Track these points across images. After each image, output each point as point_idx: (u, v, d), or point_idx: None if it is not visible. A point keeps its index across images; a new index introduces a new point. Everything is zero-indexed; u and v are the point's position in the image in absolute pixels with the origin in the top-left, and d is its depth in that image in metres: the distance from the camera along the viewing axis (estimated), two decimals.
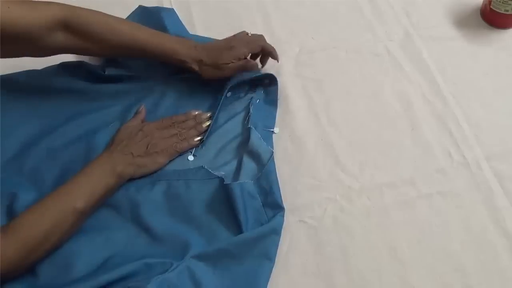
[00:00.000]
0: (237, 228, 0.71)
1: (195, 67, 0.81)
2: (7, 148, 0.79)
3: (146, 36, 0.79)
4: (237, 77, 0.82)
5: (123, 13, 0.95)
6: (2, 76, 0.83)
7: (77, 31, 0.74)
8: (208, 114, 0.82)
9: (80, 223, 0.70)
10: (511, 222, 0.72)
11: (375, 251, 0.70)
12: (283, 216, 0.72)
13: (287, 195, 0.75)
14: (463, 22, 0.94)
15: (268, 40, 0.92)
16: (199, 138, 0.80)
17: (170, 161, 0.78)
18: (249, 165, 0.77)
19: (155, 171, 0.76)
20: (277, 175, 0.76)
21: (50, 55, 0.78)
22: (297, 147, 0.80)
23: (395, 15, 0.95)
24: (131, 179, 0.76)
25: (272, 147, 0.79)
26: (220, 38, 0.91)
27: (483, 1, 0.93)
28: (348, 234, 0.72)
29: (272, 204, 0.73)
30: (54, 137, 0.80)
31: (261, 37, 0.86)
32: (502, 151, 0.78)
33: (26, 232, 0.64)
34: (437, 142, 0.79)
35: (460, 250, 0.70)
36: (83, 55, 0.84)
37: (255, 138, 0.78)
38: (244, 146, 0.79)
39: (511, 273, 0.68)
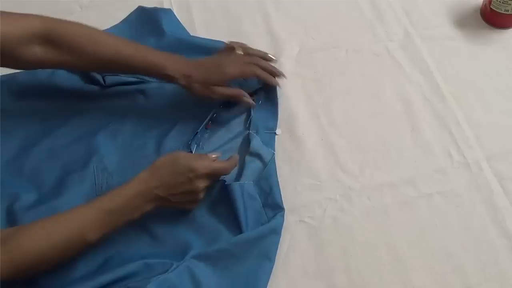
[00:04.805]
0: (237, 228, 0.71)
1: (184, 82, 0.76)
2: (7, 148, 0.79)
3: (131, 49, 0.74)
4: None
5: (123, 13, 0.96)
6: (2, 76, 0.83)
7: (57, 44, 0.70)
8: None
9: (85, 250, 0.67)
10: (511, 222, 0.72)
11: (375, 251, 0.70)
12: (283, 216, 0.72)
13: (287, 195, 0.75)
14: (463, 22, 0.94)
15: (268, 40, 0.93)
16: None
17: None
18: (250, 166, 0.77)
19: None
20: (277, 175, 0.76)
21: (29, 69, 0.73)
22: (297, 147, 0.80)
23: (395, 15, 0.95)
24: None
25: (274, 149, 0.79)
26: (219, 38, 0.91)
27: (483, 1, 0.93)
28: (348, 234, 0.72)
29: (272, 205, 0.73)
30: (54, 137, 0.81)
31: (256, 60, 0.80)
32: (502, 151, 0.78)
33: (23, 254, 0.59)
34: (437, 142, 0.79)
35: (460, 250, 0.70)
36: (64, 68, 0.78)
37: (256, 142, 0.78)
38: (245, 146, 0.79)
39: (511, 273, 0.68)
